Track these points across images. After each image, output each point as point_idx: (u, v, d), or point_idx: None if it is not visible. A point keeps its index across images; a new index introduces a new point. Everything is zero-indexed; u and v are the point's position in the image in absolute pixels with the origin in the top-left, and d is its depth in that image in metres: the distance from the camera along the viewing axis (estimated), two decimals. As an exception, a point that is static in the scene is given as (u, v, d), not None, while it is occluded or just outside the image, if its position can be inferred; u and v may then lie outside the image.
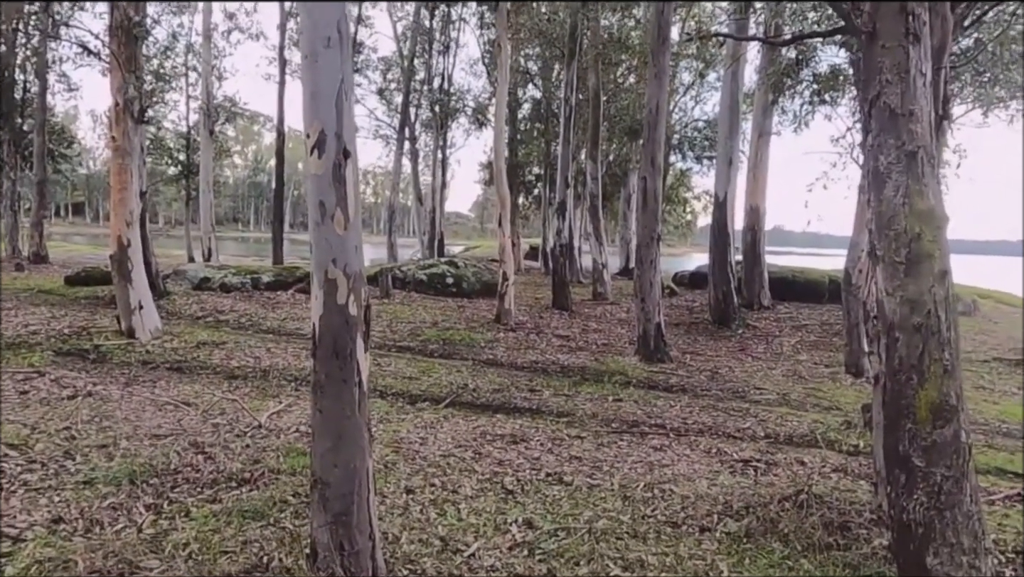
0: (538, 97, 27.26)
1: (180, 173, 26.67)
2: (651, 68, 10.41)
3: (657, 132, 10.30)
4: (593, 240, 18.78)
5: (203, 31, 22.69)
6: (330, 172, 3.13)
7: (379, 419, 6.43)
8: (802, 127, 13.76)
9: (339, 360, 3.19)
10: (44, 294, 12.68)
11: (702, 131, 26.60)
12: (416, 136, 29.11)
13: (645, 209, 10.38)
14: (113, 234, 9.10)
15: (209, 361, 8.46)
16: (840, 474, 5.44)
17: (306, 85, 3.16)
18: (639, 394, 8.32)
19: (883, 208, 2.92)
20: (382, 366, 8.91)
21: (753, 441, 6.52)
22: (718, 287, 14.33)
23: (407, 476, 4.91)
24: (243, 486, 4.49)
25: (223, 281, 14.44)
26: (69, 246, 32.87)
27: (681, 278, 20.97)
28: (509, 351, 10.56)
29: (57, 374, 7.21)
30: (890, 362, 2.95)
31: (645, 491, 4.86)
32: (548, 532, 4.08)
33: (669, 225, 41.23)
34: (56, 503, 4.09)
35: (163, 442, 5.30)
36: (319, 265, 3.17)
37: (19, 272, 17.34)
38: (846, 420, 7.36)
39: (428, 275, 16.69)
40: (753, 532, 4.17)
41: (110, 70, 8.83)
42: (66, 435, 5.32)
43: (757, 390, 8.96)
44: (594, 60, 18.21)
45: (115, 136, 8.76)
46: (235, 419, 6.07)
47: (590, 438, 6.27)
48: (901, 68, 2.86)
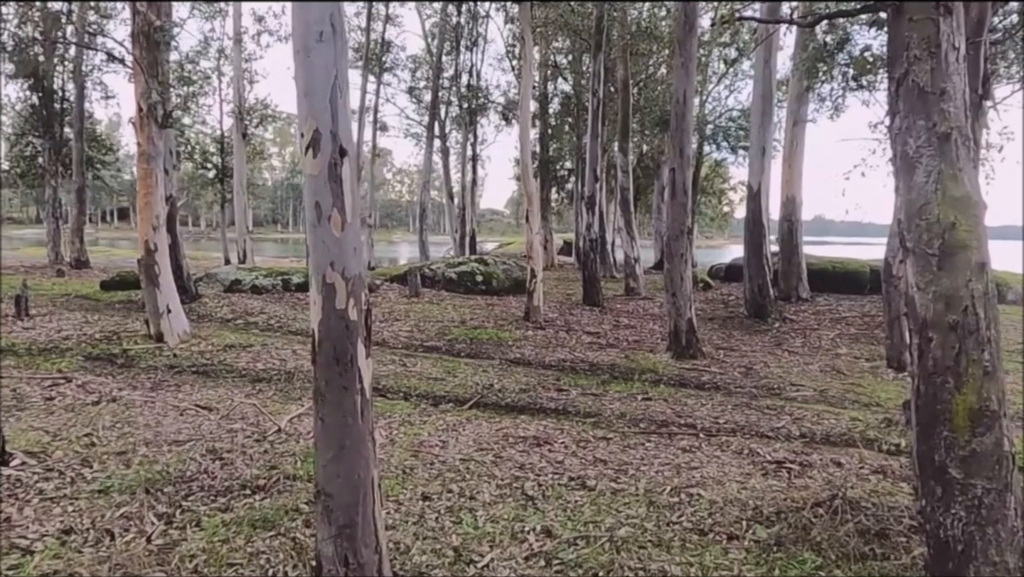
0: (568, 91, 27.00)
1: (216, 176, 27.07)
2: (678, 57, 10.14)
3: (685, 122, 10.03)
4: (624, 234, 18.52)
5: (233, 35, 22.93)
6: (326, 171, 3.01)
7: (401, 422, 6.33)
8: (838, 113, 13.33)
9: (339, 367, 3.08)
10: (80, 299, 12.90)
11: (736, 120, 26.13)
12: (446, 134, 29.12)
13: (674, 201, 10.12)
14: (140, 238, 9.18)
15: (235, 364, 8.47)
16: (879, 476, 5.16)
17: (299, 82, 3.04)
18: (669, 392, 8.09)
19: (913, 196, 2.69)
20: (408, 366, 8.84)
21: (787, 441, 6.26)
22: (754, 280, 13.97)
23: (425, 482, 4.79)
24: (256, 493, 4.42)
25: (254, 283, 14.55)
26: (115, 251, 33.62)
27: (716, 271, 20.56)
28: (537, 349, 10.41)
29: (84, 379, 7.27)
30: (923, 364, 2.72)
31: (671, 496, 4.67)
32: (567, 541, 3.92)
33: (705, 217, 40.65)
34: (69, 513, 4.06)
35: (182, 448, 5.26)
36: (317, 269, 3.06)
37: (60, 277, 17.73)
38: (887, 417, 7.05)
39: (457, 273, 16.62)
40: (784, 540, 3.95)
41: (134, 76, 8.89)
42: (86, 442, 5.32)
43: (793, 386, 8.66)
44: (622, 51, 17.92)
45: (140, 141, 8.83)
46: (256, 423, 6.03)
47: (616, 439, 6.08)
48: (931, 43, 2.62)
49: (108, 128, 48.49)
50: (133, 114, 9.00)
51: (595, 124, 15.57)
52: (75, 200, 21.99)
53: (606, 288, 16.45)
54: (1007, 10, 10.48)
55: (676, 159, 10.12)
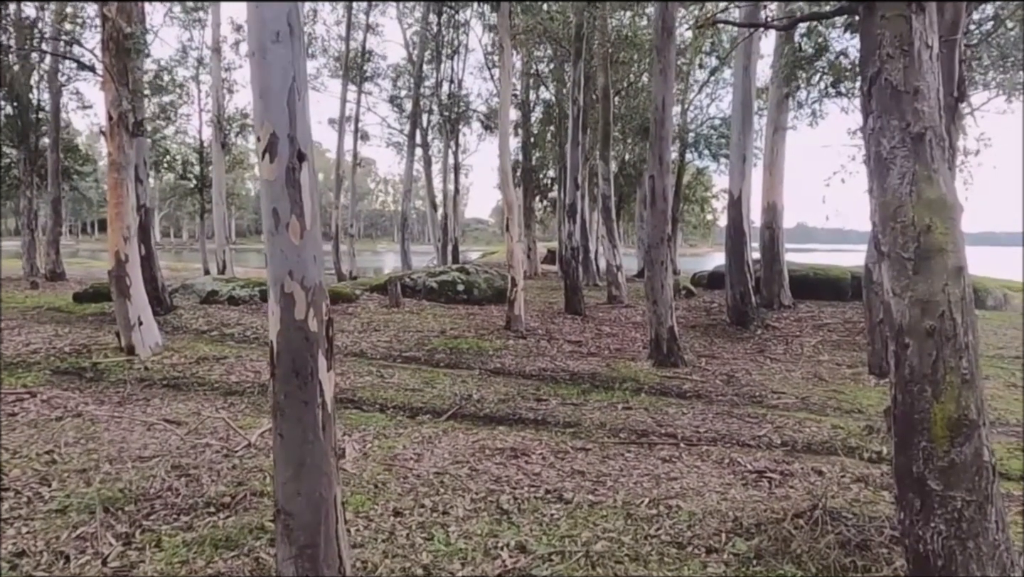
0: (550, 99, 27.00)
1: (196, 187, 26.80)
2: (656, 64, 10.11)
3: (664, 129, 9.99)
4: (607, 242, 18.47)
5: (212, 44, 22.74)
6: (283, 177, 2.90)
7: (375, 435, 6.19)
8: (817, 120, 13.38)
9: (299, 380, 2.95)
10: (52, 311, 12.64)
11: (718, 128, 26.23)
12: (428, 143, 29.00)
13: (654, 209, 10.07)
14: (111, 250, 8.99)
15: (208, 377, 8.28)
16: (861, 485, 5.09)
17: (255, 84, 2.94)
18: (650, 401, 8.00)
19: (887, 198, 2.61)
20: (385, 378, 8.69)
21: (769, 450, 6.19)
22: (735, 287, 13.94)
23: (397, 497, 4.65)
24: (221, 512, 4.27)
25: (231, 294, 14.34)
26: (94, 263, 33.12)
27: (699, 279, 20.56)
28: (517, 359, 10.29)
29: (50, 394, 7.06)
30: (900, 371, 2.64)
31: (650, 508, 4.56)
32: (542, 557, 3.80)
33: (689, 225, 40.80)
34: (23, 534, 3.90)
35: (146, 465, 5.09)
36: (275, 279, 2.94)
37: (33, 289, 17.42)
38: (868, 424, 7.00)
39: (439, 282, 16.48)
40: (764, 553, 3.86)
41: (104, 84, 8.72)
42: (47, 459, 5.14)
43: (775, 394, 8.60)
44: (603, 59, 17.92)
45: (110, 150, 8.65)
46: (225, 438, 5.86)
47: (595, 450, 5.97)
48: (904, 40, 2.55)
49: (89, 139, 47.97)
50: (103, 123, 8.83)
51: (576, 132, 15.53)
52: (51, 211, 21.65)
53: (589, 296, 16.38)
54: (983, 17, 10.55)
55: (656, 166, 10.07)
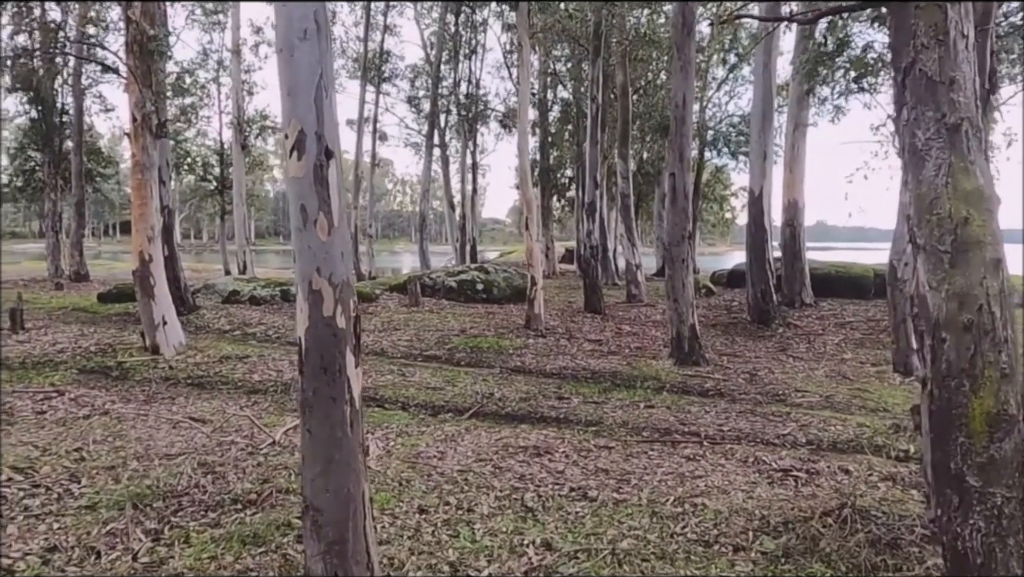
0: (568, 98, 26.96)
1: (216, 188, 27.04)
2: (676, 61, 10.05)
3: (685, 127, 9.93)
4: (626, 240, 18.41)
5: (232, 46, 22.92)
6: (311, 174, 2.90)
7: (398, 432, 6.21)
8: (839, 116, 13.24)
9: (327, 376, 2.96)
10: (77, 312, 12.81)
11: (737, 126, 26.06)
12: (446, 143, 29.07)
13: (674, 206, 10.01)
14: (135, 250, 9.10)
15: (231, 376, 8.35)
16: (888, 483, 5.02)
17: (283, 81, 2.94)
18: (672, 399, 7.96)
19: (923, 190, 2.57)
20: (406, 376, 8.71)
21: (794, 448, 6.13)
22: (756, 285, 13.84)
23: (421, 494, 4.65)
24: (248, 508, 4.29)
25: (252, 294, 14.45)
26: (117, 264, 33.53)
27: (719, 277, 20.43)
28: (538, 357, 10.27)
29: (77, 393, 7.15)
30: (936, 366, 2.59)
31: (675, 506, 4.53)
32: (568, 554, 3.79)
33: (707, 224, 40.58)
34: (55, 530, 3.94)
35: (173, 462, 5.14)
36: (303, 275, 2.94)
37: (58, 290, 17.65)
38: (895, 423, 6.91)
39: (458, 282, 16.51)
40: (792, 551, 3.82)
41: (128, 86, 8.82)
42: (76, 456, 5.20)
43: (798, 392, 8.52)
44: (621, 57, 17.86)
45: (134, 151, 8.75)
46: (250, 436, 5.90)
47: (619, 448, 5.95)
48: (939, 30, 2.51)
49: (111, 142, 48.60)
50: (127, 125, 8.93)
51: (595, 130, 15.48)
52: (75, 213, 21.95)
53: (608, 295, 16.33)
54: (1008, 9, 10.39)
55: (676, 164, 10.01)
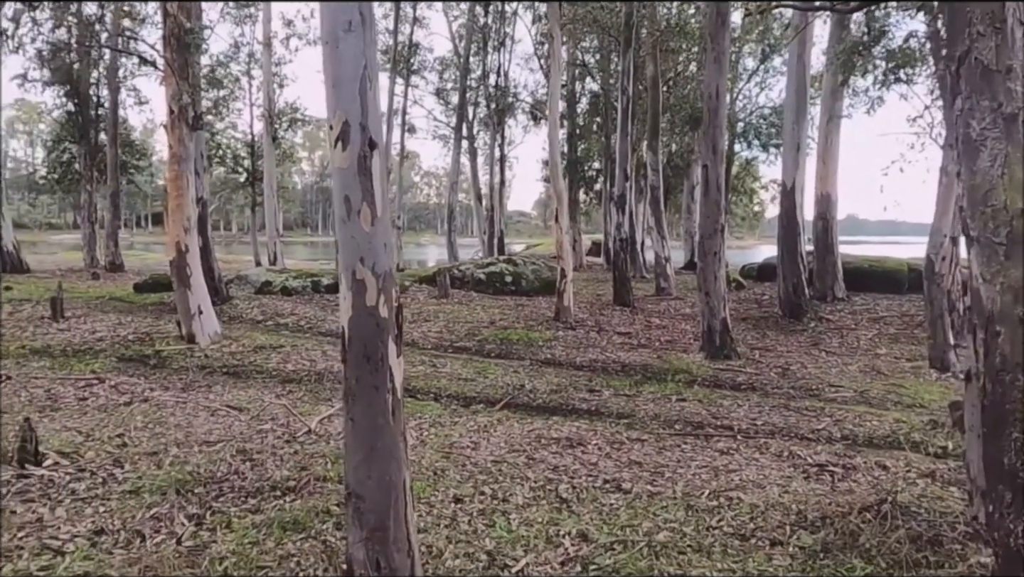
0: (596, 90, 26.82)
1: (247, 180, 27.35)
2: (710, 52, 9.95)
3: (718, 118, 9.83)
4: (655, 233, 18.30)
5: (263, 39, 23.12)
6: (355, 165, 2.92)
7: (431, 422, 6.25)
8: (875, 108, 13.01)
9: (370, 365, 2.98)
10: (114, 301, 13.06)
11: (768, 118, 25.72)
12: (474, 135, 29.09)
13: (707, 198, 9.93)
14: (171, 240, 9.24)
15: (265, 365, 8.47)
16: (927, 480, 4.94)
17: (327, 73, 2.96)
18: (704, 393, 7.91)
19: (977, 181, 2.52)
20: (437, 367, 8.77)
21: (829, 443, 6.07)
22: (788, 279, 13.70)
23: (456, 483, 4.69)
24: (287, 495, 4.36)
25: (284, 285, 14.62)
26: (149, 255, 34.10)
27: (749, 270, 20.23)
28: (568, 350, 10.27)
29: (117, 380, 7.30)
30: (990, 360, 2.54)
31: (710, 499, 4.51)
32: (604, 545, 3.79)
33: (736, 216, 40.17)
34: (101, 513, 4.03)
35: (212, 449, 5.23)
36: (346, 265, 2.97)
37: (95, 280, 17.99)
38: (932, 419, 6.80)
39: (487, 274, 16.55)
40: (831, 546, 3.78)
41: (165, 79, 8.96)
42: (118, 442, 5.32)
43: (832, 387, 8.42)
44: (652, 48, 17.72)
45: (171, 143, 8.89)
46: (286, 424, 5.99)
47: (651, 441, 5.94)
48: (996, 18, 2.45)
49: (143, 134, 49.37)
50: (165, 117, 9.06)
51: (625, 122, 15.40)
52: (109, 205, 22.35)
53: (636, 288, 16.25)
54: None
55: (709, 156, 9.93)
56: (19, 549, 3.56)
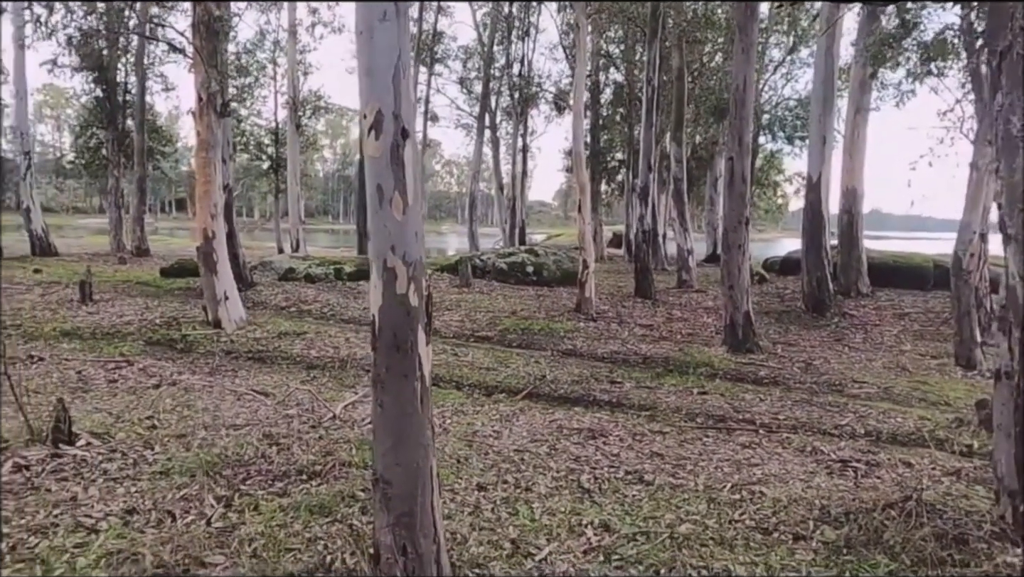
0: (620, 81, 26.64)
1: (270, 167, 27.54)
2: (738, 42, 9.85)
3: (745, 110, 9.75)
4: (678, 225, 18.21)
5: (288, 26, 23.21)
6: (388, 154, 2.94)
7: (454, 411, 6.30)
8: (905, 101, 12.83)
9: (400, 353, 3.02)
10: (141, 285, 13.24)
11: (793, 110, 25.45)
12: (496, 124, 29.05)
13: (732, 191, 9.86)
14: (198, 227, 9.35)
15: (290, 351, 8.56)
16: (952, 478, 4.91)
17: (361, 63, 2.99)
18: (726, 387, 7.90)
19: (1016, 179, 2.49)
20: (459, 356, 8.81)
21: (852, 439, 6.04)
22: (812, 273, 13.58)
23: (480, 472, 4.73)
24: (313, 479, 4.42)
25: (307, 272, 14.74)
26: (173, 240, 34.49)
27: (772, 264, 20.06)
28: (589, 341, 10.28)
29: (145, 363, 7.43)
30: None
31: (732, 493, 4.52)
32: (626, 536, 3.82)
33: (759, 209, 39.75)
34: (132, 493, 4.11)
35: (239, 432, 5.31)
36: (377, 253, 3.00)
37: (121, 265, 18.25)
38: (957, 417, 6.74)
39: (508, 264, 16.56)
40: (854, 542, 3.78)
41: (193, 66, 9.04)
42: (148, 424, 5.41)
43: (856, 383, 8.37)
44: (678, 39, 17.57)
45: (199, 130, 8.97)
46: (311, 410, 6.06)
47: (673, 433, 5.94)
48: (1038, 13, 2.42)
49: (168, 121, 49.79)
50: (193, 104, 9.15)
51: (649, 113, 15.30)
52: (136, 190, 22.60)
53: (657, 280, 16.19)
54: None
55: (735, 148, 9.85)
56: (54, 526, 3.65)
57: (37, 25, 10.50)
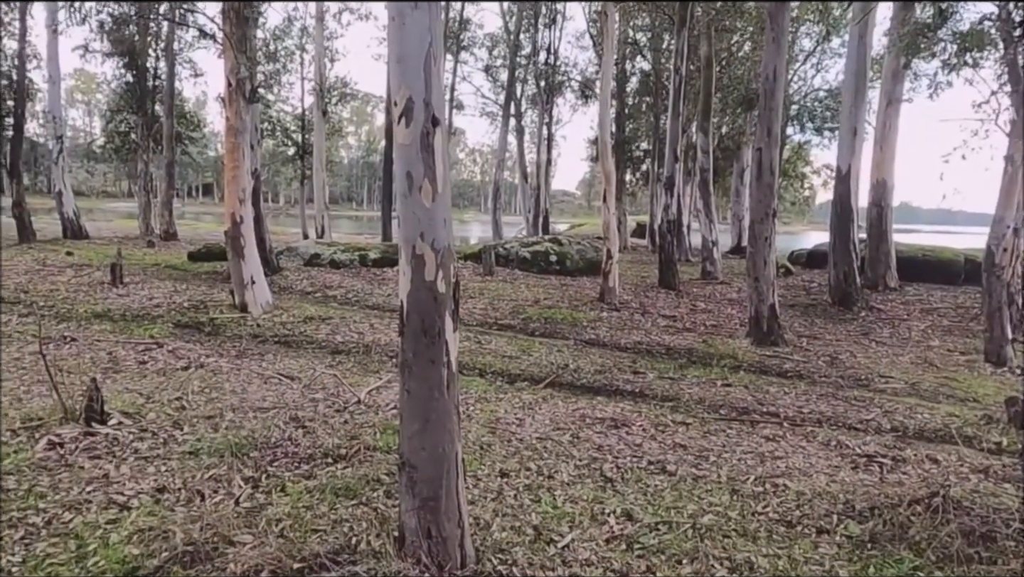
0: (647, 69, 26.41)
1: (296, 153, 27.73)
2: (769, 31, 9.72)
3: (774, 100, 9.62)
4: (703, 216, 18.06)
5: (316, 13, 23.30)
6: (418, 141, 2.96)
7: (477, 398, 6.34)
8: (939, 92, 12.58)
9: (427, 339, 3.05)
10: (169, 269, 13.43)
11: (823, 101, 25.07)
12: (521, 113, 28.98)
13: (760, 182, 9.76)
14: (227, 211, 9.46)
15: (315, 336, 8.65)
16: (980, 476, 4.85)
17: (392, 49, 3.00)
18: (750, 379, 7.85)
19: (1055, 172, 2.45)
20: (482, 344, 8.85)
21: (878, 434, 5.98)
22: (839, 266, 13.42)
23: (502, 458, 4.76)
24: (338, 462, 4.48)
25: (332, 258, 14.85)
26: (200, 224, 34.95)
27: (798, 257, 19.84)
28: (612, 331, 10.26)
29: (174, 345, 7.55)
30: (1060, 355, 2.49)
31: (756, 485, 4.51)
32: (648, 525, 3.83)
33: (785, 201, 39.25)
34: (162, 472, 4.20)
35: (266, 415, 5.39)
36: (407, 240, 3.02)
37: (150, 248, 18.51)
38: (986, 414, 6.64)
39: (531, 253, 16.55)
40: (879, 537, 3.76)
41: (223, 52, 9.12)
42: (177, 405, 5.52)
43: (882, 378, 8.28)
44: (706, 27, 17.38)
45: (228, 115, 9.06)
46: (336, 394, 6.13)
47: (696, 425, 5.93)
48: (1083, 2, 2.37)
49: (195, 106, 50.25)
50: (222, 89, 9.24)
51: (676, 103, 15.16)
52: (165, 175, 22.88)
53: (682, 271, 16.10)
54: None
55: (763, 138, 9.74)
56: (87, 503, 3.74)
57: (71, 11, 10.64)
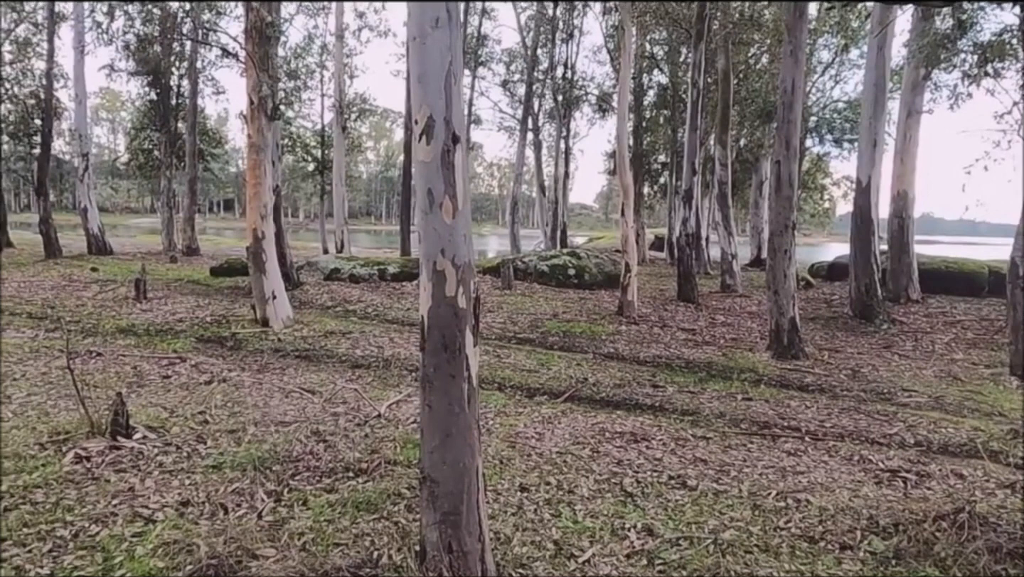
0: (664, 83, 26.47)
1: (316, 169, 28.02)
2: (786, 44, 9.72)
3: (792, 112, 9.61)
4: (722, 229, 18.00)
5: (335, 31, 23.59)
6: (439, 158, 3.00)
7: (496, 412, 6.35)
8: (959, 103, 12.50)
9: (448, 354, 3.08)
10: (192, 284, 13.60)
11: (842, 112, 24.95)
12: (539, 127, 29.11)
13: (779, 195, 9.73)
14: (248, 227, 9.58)
15: (335, 350, 8.71)
16: (1007, 491, 4.78)
17: (413, 68, 3.05)
18: (771, 393, 7.79)
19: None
20: (501, 358, 8.86)
21: (901, 449, 5.91)
22: (860, 279, 13.30)
23: (522, 473, 4.77)
24: (359, 476, 4.51)
25: (352, 272, 14.96)
26: (221, 240, 35.33)
27: (818, 269, 19.69)
28: (631, 344, 10.24)
29: (197, 360, 7.64)
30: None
31: (777, 500, 4.48)
32: (669, 540, 3.81)
33: (805, 213, 39.02)
34: (186, 486, 4.25)
35: (288, 429, 5.44)
36: (427, 256, 3.06)
37: (172, 263, 18.76)
38: (1012, 428, 6.55)
39: (550, 266, 16.57)
40: (903, 553, 3.72)
41: (245, 70, 9.27)
42: (200, 419, 5.58)
43: (905, 392, 8.18)
44: (724, 40, 17.40)
45: (250, 133, 9.20)
46: (356, 408, 6.17)
47: (716, 439, 5.90)
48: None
49: (216, 123, 50.98)
50: (244, 107, 9.39)
51: (694, 116, 15.17)
52: (187, 191, 23.22)
53: (701, 284, 16.05)
54: None
55: (782, 151, 9.72)
56: (113, 516, 3.80)
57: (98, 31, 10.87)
